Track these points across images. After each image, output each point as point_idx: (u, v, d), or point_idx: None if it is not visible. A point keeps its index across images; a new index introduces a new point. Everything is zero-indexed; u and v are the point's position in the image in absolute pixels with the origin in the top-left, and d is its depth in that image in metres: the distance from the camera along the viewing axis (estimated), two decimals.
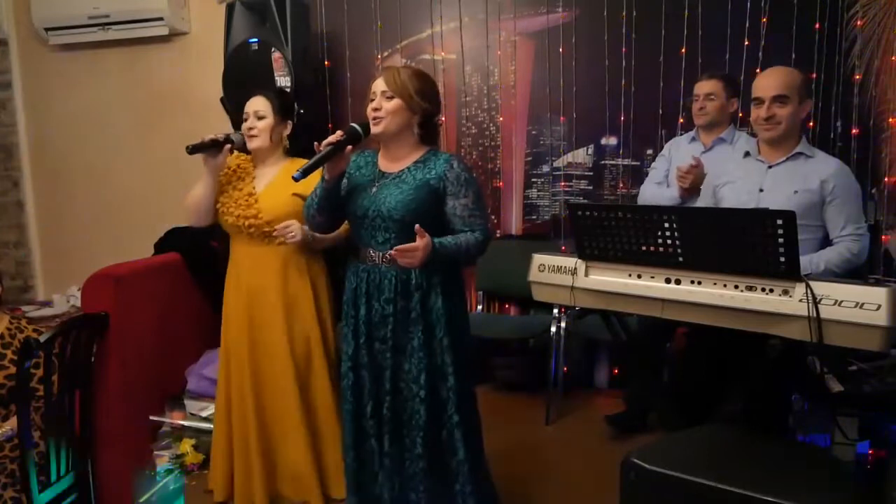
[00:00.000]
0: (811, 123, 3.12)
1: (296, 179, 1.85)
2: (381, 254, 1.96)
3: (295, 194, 2.28)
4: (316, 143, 1.89)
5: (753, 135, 2.55)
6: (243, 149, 2.39)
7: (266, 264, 2.34)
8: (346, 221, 2.10)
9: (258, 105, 2.33)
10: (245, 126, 2.34)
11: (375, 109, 1.92)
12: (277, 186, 2.32)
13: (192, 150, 2.26)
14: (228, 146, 2.32)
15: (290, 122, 2.36)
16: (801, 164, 2.25)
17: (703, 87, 2.85)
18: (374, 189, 1.98)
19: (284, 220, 2.24)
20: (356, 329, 2.01)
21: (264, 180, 2.36)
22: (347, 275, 2.07)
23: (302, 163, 2.34)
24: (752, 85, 2.29)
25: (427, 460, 1.96)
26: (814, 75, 3.12)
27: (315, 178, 2.30)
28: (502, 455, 2.23)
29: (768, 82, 2.24)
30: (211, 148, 2.29)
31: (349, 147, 1.90)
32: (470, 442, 1.99)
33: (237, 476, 2.42)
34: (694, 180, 2.67)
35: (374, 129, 1.92)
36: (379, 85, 1.94)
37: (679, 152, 2.93)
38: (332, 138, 1.88)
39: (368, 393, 2.00)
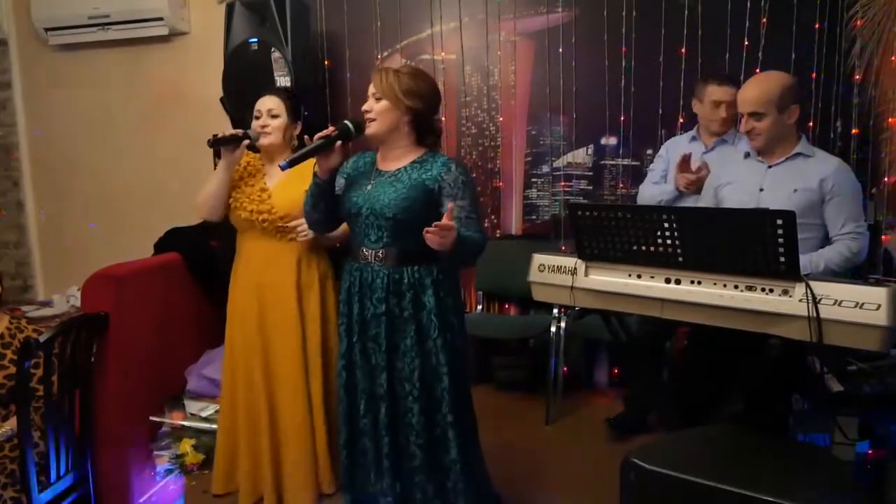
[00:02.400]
0: (811, 124, 3.12)
1: (282, 168, 1.90)
2: (373, 252, 1.96)
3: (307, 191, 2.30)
4: (306, 137, 1.92)
5: None
6: (252, 146, 2.41)
7: (278, 259, 2.36)
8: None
9: (272, 104, 2.36)
10: (257, 123, 2.36)
11: (366, 111, 1.95)
12: (290, 182, 2.33)
13: (213, 143, 2.31)
14: (247, 141, 2.35)
15: (299, 122, 2.40)
16: (801, 163, 2.25)
17: (723, 94, 2.74)
18: (369, 187, 1.98)
19: (297, 215, 2.25)
20: (349, 327, 2.02)
21: (275, 178, 2.39)
22: (343, 274, 2.08)
23: (310, 161, 2.37)
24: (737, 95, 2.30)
25: (421, 458, 1.97)
26: (814, 75, 3.12)
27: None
28: (502, 455, 2.23)
29: (744, 97, 2.26)
30: (231, 142, 2.33)
31: (338, 143, 1.91)
32: (463, 441, 1.99)
33: (241, 474, 2.42)
34: (698, 182, 2.66)
35: (367, 131, 1.94)
36: (371, 87, 1.96)
37: (678, 153, 2.91)
38: (324, 132, 1.90)
39: (362, 391, 2.01)
